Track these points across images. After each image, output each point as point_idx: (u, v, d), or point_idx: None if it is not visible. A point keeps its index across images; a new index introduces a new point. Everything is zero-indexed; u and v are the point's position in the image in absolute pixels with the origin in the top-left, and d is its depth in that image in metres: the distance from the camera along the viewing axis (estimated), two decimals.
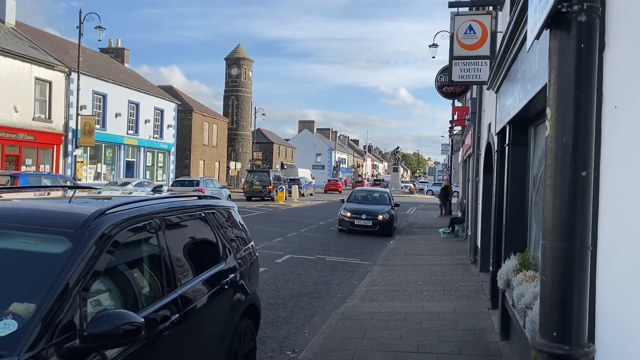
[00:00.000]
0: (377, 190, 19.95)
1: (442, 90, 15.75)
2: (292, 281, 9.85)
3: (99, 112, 31.67)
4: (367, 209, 17.44)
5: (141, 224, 3.23)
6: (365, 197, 19.12)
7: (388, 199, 18.73)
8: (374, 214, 17.04)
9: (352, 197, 19.12)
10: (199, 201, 4.51)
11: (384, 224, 16.94)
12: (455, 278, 10.26)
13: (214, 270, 4.14)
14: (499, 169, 7.26)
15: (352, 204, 18.25)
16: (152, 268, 3.29)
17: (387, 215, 17.10)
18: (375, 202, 18.58)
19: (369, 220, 16.93)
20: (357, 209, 17.38)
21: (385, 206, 17.99)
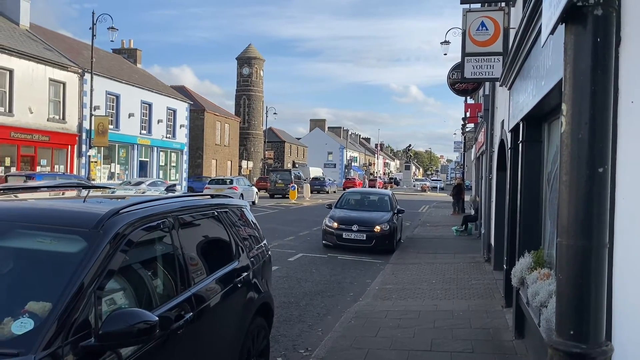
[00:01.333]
0: (374, 192, 16.17)
1: (454, 87, 15.66)
2: (305, 279, 9.85)
3: (112, 113, 31.94)
4: (360, 217, 13.50)
5: (155, 223, 3.25)
6: (359, 201, 15.19)
7: (389, 204, 14.64)
8: (369, 225, 13.14)
9: (342, 201, 15.09)
10: (211, 200, 4.51)
11: (381, 238, 13.04)
12: (469, 276, 10.21)
13: (227, 268, 4.14)
14: (513, 166, 7.19)
15: (341, 210, 14.27)
16: (166, 267, 3.30)
17: (387, 226, 13.14)
18: (371, 208, 14.61)
19: (362, 233, 13.04)
20: (347, 218, 13.48)
21: (384, 213, 13.91)
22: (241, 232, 4.75)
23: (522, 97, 5.99)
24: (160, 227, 3.31)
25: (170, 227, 3.40)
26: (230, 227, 4.47)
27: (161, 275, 3.27)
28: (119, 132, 32.48)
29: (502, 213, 9.25)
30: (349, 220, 13.38)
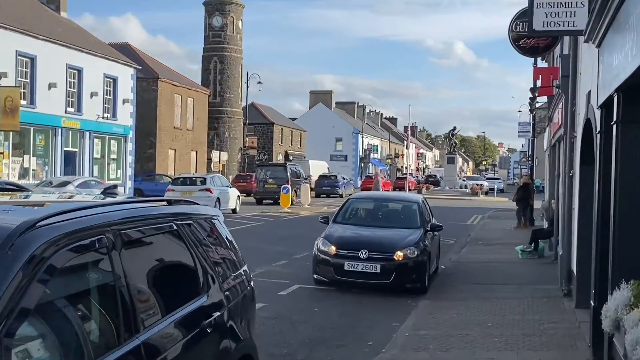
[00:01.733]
0: (395, 197, 15.73)
1: (518, 44, 15.65)
2: (303, 322, 9.86)
3: (24, 82, 32.07)
4: (371, 237, 12.54)
5: (87, 241, 3.24)
6: (371, 212, 14.37)
7: (418, 216, 13.54)
8: (387, 249, 12.10)
9: (345, 212, 14.11)
10: (169, 208, 4.52)
11: (405, 270, 11.98)
12: (540, 317, 10.19)
13: (191, 306, 4.15)
14: (604, 158, 7.18)
15: (343, 226, 13.30)
16: (103, 304, 3.30)
17: (414, 252, 12.13)
18: (390, 222, 13.64)
19: (375, 263, 11.94)
20: (352, 239, 12.54)
21: (410, 231, 12.86)
22: (212, 253, 4.76)
23: (617, 57, 5.98)
24: (95, 247, 3.30)
25: (109, 246, 3.40)
26: (196, 247, 4.48)
27: (96, 316, 3.26)
28: (36, 110, 32.61)
29: (588, 226, 9.23)
30: (355, 243, 12.31)
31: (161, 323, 3.70)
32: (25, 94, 31.98)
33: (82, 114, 36.25)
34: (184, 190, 29.23)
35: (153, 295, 3.80)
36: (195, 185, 30.11)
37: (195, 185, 30.22)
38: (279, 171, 39.57)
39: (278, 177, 38.61)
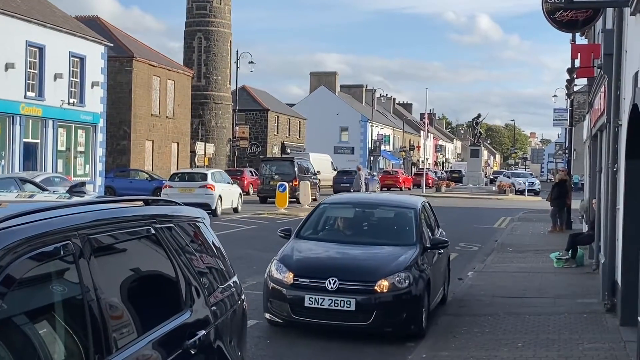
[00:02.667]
0: (383, 201, 13.77)
1: (553, 17, 15.62)
2: (305, 344, 9.89)
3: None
4: (344, 259, 10.77)
5: (51, 248, 3.23)
6: (350, 221, 12.57)
7: (413, 228, 11.55)
8: (364, 276, 10.15)
9: (315, 221, 12.26)
10: (146, 209, 4.52)
11: (391, 308, 9.98)
12: (579, 336, 10.16)
13: (172, 323, 4.14)
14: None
15: (309, 243, 11.47)
16: (70, 321, 3.28)
17: (405, 281, 10.08)
18: (375, 236, 11.89)
19: (348, 297, 9.83)
20: (316, 263, 10.71)
21: (400, 250, 10.94)
22: (196, 262, 4.75)
23: None
24: (60, 255, 3.29)
25: (76, 254, 3.38)
26: (178, 255, 4.47)
27: (61, 335, 3.24)
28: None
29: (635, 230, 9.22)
30: (321, 267, 10.35)
31: (137, 343, 3.69)
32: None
33: (44, 99, 36.24)
34: (183, 187, 30.34)
35: (127, 310, 3.78)
36: (194, 182, 30.81)
37: (194, 181, 30.98)
38: (285, 166, 40.96)
39: (284, 173, 39.94)
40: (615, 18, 11.53)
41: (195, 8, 58.25)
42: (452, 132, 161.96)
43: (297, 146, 74.43)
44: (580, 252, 17.49)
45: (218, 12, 58.44)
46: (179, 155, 52.67)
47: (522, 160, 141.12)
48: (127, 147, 46.64)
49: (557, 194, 26.11)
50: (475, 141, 71.15)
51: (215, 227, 5.52)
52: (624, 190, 10.72)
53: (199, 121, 57.49)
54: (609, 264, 11.89)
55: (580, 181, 44.66)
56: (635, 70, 9.15)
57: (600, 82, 14.93)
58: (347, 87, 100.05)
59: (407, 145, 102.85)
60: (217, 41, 58.47)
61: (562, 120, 37.24)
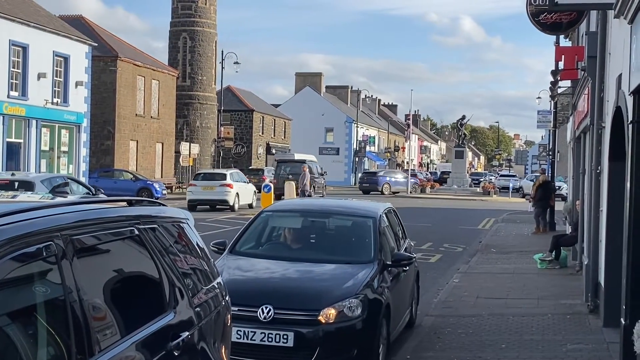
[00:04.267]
0: (341, 208, 11.69)
1: (538, 19, 15.69)
2: None
3: None
4: (282, 282, 9.03)
5: (33, 249, 3.22)
6: (297, 233, 10.77)
7: (371, 242, 9.86)
8: (304, 304, 8.35)
9: (253, 233, 10.50)
10: (130, 209, 4.51)
11: (339, 342, 8.29)
12: (563, 337, 10.20)
13: (155, 325, 4.13)
14: (636, 153, 7.21)
15: (243, 260, 9.67)
16: (52, 322, 3.27)
17: (356, 309, 8.34)
18: (324, 252, 10.02)
19: (285, 329, 8.07)
20: (246, 286, 8.78)
21: (354, 269, 9.19)
22: (180, 263, 4.74)
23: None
24: (42, 256, 3.27)
25: (58, 255, 3.37)
26: (161, 256, 4.46)
27: (43, 336, 3.23)
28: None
29: (618, 231, 9.27)
30: (252, 292, 8.52)
31: (120, 345, 3.68)
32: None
33: (28, 98, 36.02)
34: (205, 185, 34.17)
35: (110, 311, 3.77)
36: (215, 181, 34.38)
37: (215, 180, 34.50)
38: (298, 167, 44.42)
39: (298, 173, 42.95)
40: (599, 21, 11.59)
41: (181, 8, 58.03)
42: (437, 133, 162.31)
43: (283, 147, 74.36)
44: (564, 254, 17.57)
45: (203, 12, 58.27)
46: (164, 156, 52.48)
47: (506, 161, 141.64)
48: (111, 147, 46.43)
49: (541, 195, 26.22)
50: (459, 142, 71.34)
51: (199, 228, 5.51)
52: (607, 192, 10.77)
53: (184, 121, 57.30)
54: (592, 265, 11.95)
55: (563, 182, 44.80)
56: (619, 73, 9.20)
57: (584, 84, 15.00)
58: (333, 88, 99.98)
59: (392, 147, 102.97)
60: (202, 41, 58.31)
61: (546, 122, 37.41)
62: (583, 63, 14.16)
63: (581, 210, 15.51)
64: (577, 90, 17.85)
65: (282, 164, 48.51)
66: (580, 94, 16.46)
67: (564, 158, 36.50)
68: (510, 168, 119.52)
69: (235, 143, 64.69)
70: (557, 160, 32.87)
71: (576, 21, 15.76)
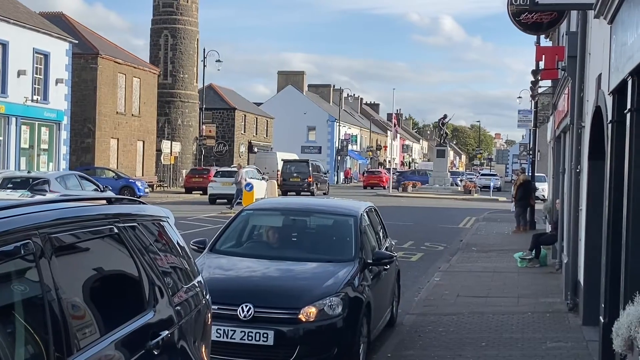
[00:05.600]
0: (321, 207, 11.58)
1: (519, 19, 15.75)
2: None
3: None
4: (262, 281, 9.10)
5: (11, 247, 3.20)
6: (278, 232, 10.75)
7: (352, 241, 9.86)
8: (284, 303, 8.39)
9: (234, 232, 10.49)
10: (109, 207, 4.50)
11: (319, 341, 8.34)
12: (542, 335, 10.25)
13: (135, 324, 4.12)
14: (616, 152, 7.25)
15: (223, 259, 9.68)
16: (30, 321, 3.26)
17: (337, 307, 8.34)
18: (305, 251, 10.09)
19: (265, 328, 8.08)
20: (226, 284, 8.74)
21: (334, 268, 9.21)
22: (160, 262, 4.73)
23: (632, 35, 6.04)
24: (20, 254, 3.26)
25: (37, 253, 3.36)
26: (141, 254, 4.46)
27: (21, 335, 3.21)
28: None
29: (597, 230, 9.33)
30: (231, 291, 8.52)
31: (99, 343, 3.68)
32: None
33: (7, 96, 35.74)
34: (224, 181, 38.12)
35: (90, 310, 3.76)
36: (233, 177, 36.96)
37: (233, 177, 37.14)
38: (302, 166, 51.56)
39: (302, 171, 50.74)
40: (579, 21, 11.66)
41: (162, 5, 57.75)
42: (419, 132, 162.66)
43: (265, 145, 74.24)
44: (544, 252, 17.64)
45: (185, 10, 58.04)
46: (145, 154, 52.24)
47: (487, 160, 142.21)
48: (92, 145, 46.16)
49: (521, 194, 26.31)
50: (441, 142, 71.38)
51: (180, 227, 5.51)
52: (586, 191, 10.83)
53: (165, 119, 57.07)
54: (572, 264, 12.01)
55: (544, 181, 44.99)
56: (599, 73, 9.25)
57: (564, 84, 15.08)
58: (315, 87, 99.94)
59: (374, 145, 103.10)
60: (183, 39, 58.08)
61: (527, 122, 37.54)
62: (563, 63, 14.23)
63: (561, 209, 15.59)
64: (557, 90, 17.95)
65: (287, 163, 53.08)
66: (560, 93, 16.55)
67: (544, 157, 36.67)
68: (491, 167, 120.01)
69: (217, 141, 64.50)
70: (537, 160, 33.02)
71: (557, 21, 15.84)
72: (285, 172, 51.95)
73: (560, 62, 16.03)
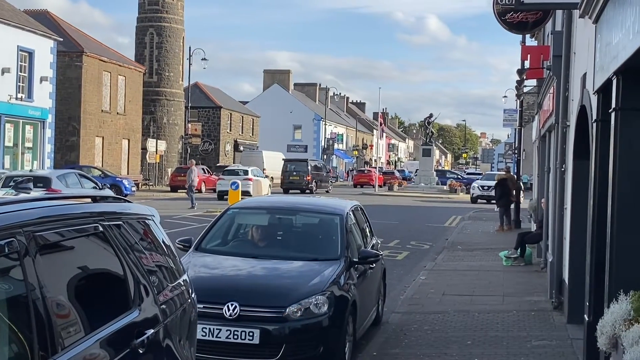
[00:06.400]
0: (307, 206, 11.62)
1: (504, 18, 15.79)
2: None
3: None
4: (247, 279, 9.07)
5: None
6: (264, 231, 10.70)
7: (338, 240, 9.88)
8: (270, 301, 8.33)
9: (219, 230, 10.44)
10: (94, 206, 4.49)
11: (304, 339, 8.31)
12: (527, 334, 10.29)
13: (120, 322, 4.12)
14: (600, 151, 7.27)
15: (208, 257, 9.63)
16: (14, 320, 3.24)
17: (323, 306, 8.34)
18: (290, 249, 10.01)
19: (251, 327, 8.03)
20: (211, 283, 8.73)
21: (320, 266, 9.20)
22: (145, 260, 4.73)
23: (617, 35, 6.06)
24: (4, 252, 3.25)
25: (21, 251, 3.34)
26: (126, 252, 4.45)
27: (5, 334, 3.20)
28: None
29: (582, 229, 9.36)
30: (217, 289, 8.49)
31: (84, 342, 3.67)
32: None
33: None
34: (231, 179, 38.99)
35: (74, 309, 3.75)
36: (239, 175, 41.57)
37: (239, 175, 41.92)
38: (301, 166, 53.75)
39: (301, 170, 53.00)
40: (564, 20, 11.70)
41: (148, 3, 57.53)
42: (405, 131, 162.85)
43: (250, 144, 74.15)
44: (529, 251, 17.70)
45: (171, 8, 57.84)
46: (130, 152, 52.04)
47: (473, 159, 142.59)
48: (77, 143, 45.96)
49: (499, 194, 26.31)
50: (427, 141, 71.51)
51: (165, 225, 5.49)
52: (571, 190, 10.87)
53: (151, 118, 56.88)
54: (557, 263, 12.05)
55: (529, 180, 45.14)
56: (584, 72, 9.28)
57: (549, 83, 15.14)
58: (301, 86, 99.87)
59: (360, 144, 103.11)
60: (169, 37, 57.88)
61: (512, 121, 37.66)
62: (548, 62, 14.27)
63: (546, 208, 15.66)
64: (542, 89, 18.01)
65: (287, 162, 55.00)
66: (545, 93, 16.61)
67: (529, 156, 36.79)
68: (476, 166, 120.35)
69: (203, 140, 64.39)
70: (522, 159, 33.13)
71: (542, 20, 15.89)
72: (286, 171, 54.03)
73: (545, 61, 16.09)
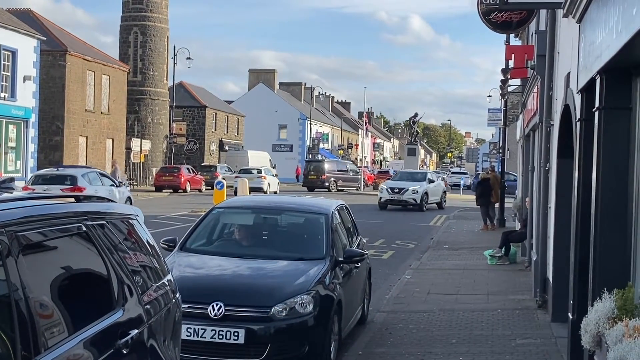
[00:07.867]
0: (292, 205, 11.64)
1: (488, 18, 15.84)
2: None
3: None
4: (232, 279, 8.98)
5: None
6: (248, 230, 10.70)
7: (323, 239, 9.86)
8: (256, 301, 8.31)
9: (204, 230, 10.40)
10: (77, 205, 4.48)
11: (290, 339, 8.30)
12: (512, 332, 10.34)
13: (104, 322, 4.11)
14: (584, 150, 7.31)
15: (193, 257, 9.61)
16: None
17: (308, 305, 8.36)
18: (276, 249, 9.99)
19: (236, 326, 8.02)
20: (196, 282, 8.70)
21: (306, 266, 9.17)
22: (129, 260, 4.72)
23: (600, 34, 6.09)
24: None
25: (3, 251, 3.33)
26: (110, 252, 4.44)
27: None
28: None
29: (566, 227, 9.41)
30: (202, 289, 8.49)
31: (67, 343, 3.66)
32: None
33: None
34: (246, 177, 42.38)
35: (57, 309, 3.74)
36: (253, 174, 47.15)
37: (253, 174, 47.50)
38: (318, 166, 58.41)
39: (318, 170, 57.47)
40: (548, 20, 11.75)
41: (132, 2, 57.24)
42: (390, 130, 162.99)
43: (236, 143, 73.97)
44: (513, 250, 17.76)
45: (155, 7, 57.61)
46: (114, 152, 51.78)
47: (458, 159, 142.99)
48: (60, 143, 45.71)
49: (480, 193, 26.33)
50: (412, 140, 71.68)
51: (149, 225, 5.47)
52: (555, 189, 10.92)
53: (135, 117, 56.66)
54: (541, 261, 12.11)
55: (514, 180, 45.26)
56: (567, 71, 9.32)
57: (533, 82, 15.20)
58: (286, 85, 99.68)
59: (345, 144, 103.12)
60: (153, 36, 57.66)
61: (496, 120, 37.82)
62: (533, 62, 14.33)
63: (530, 207, 15.71)
64: (526, 89, 18.08)
65: (309, 163, 60.58)
66: (529, 92, 16.67)
67: (513, 155, 36.90)
68: (461, 166, 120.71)
69: (188, 139, 64.18)
70: (507, 158, 33.24)
71: (526, 20, 15.97)
72: (305, 170, 59.54)
73: (529, 61, 16.16)
